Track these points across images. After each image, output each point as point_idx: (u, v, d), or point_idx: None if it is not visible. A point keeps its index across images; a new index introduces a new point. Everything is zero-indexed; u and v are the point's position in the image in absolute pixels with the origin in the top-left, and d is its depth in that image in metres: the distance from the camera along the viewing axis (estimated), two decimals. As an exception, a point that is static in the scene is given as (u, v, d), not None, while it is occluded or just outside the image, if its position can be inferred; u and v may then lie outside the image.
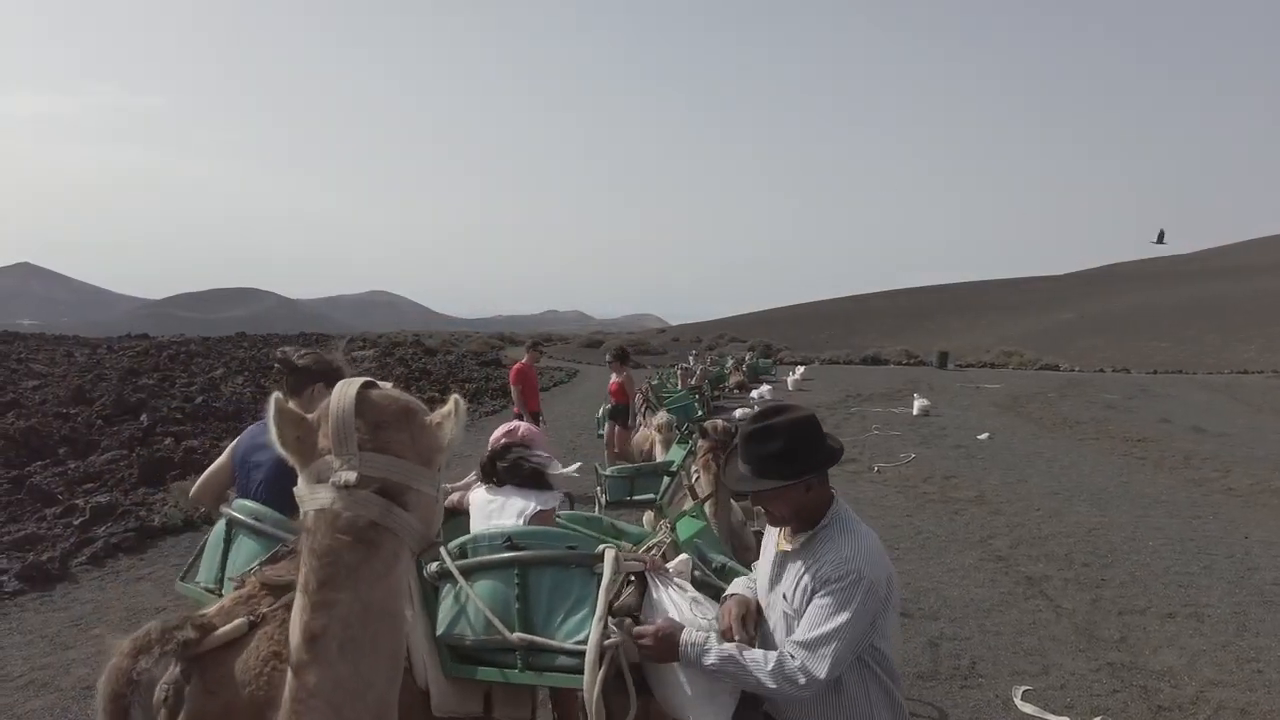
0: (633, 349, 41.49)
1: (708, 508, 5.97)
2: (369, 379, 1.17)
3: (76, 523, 7.63)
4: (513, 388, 9.96)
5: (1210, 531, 7.69)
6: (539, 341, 11.00)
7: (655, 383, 14.81)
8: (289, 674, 1.01)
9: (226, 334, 44.59)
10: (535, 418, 9.57)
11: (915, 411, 16.61)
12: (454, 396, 1.24)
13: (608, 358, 10.18)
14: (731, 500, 6.31)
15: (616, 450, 9.69)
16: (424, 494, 1.15)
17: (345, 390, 1.12)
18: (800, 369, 26.10)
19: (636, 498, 6.70)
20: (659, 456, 7.86)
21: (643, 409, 10.96)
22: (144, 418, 13.15)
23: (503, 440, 2.88)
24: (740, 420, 12.29)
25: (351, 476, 1.06)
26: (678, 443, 7.61)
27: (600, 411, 13.31)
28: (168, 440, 11.81)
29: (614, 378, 10.03)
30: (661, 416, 8.58)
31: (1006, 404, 19.30)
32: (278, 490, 2.64)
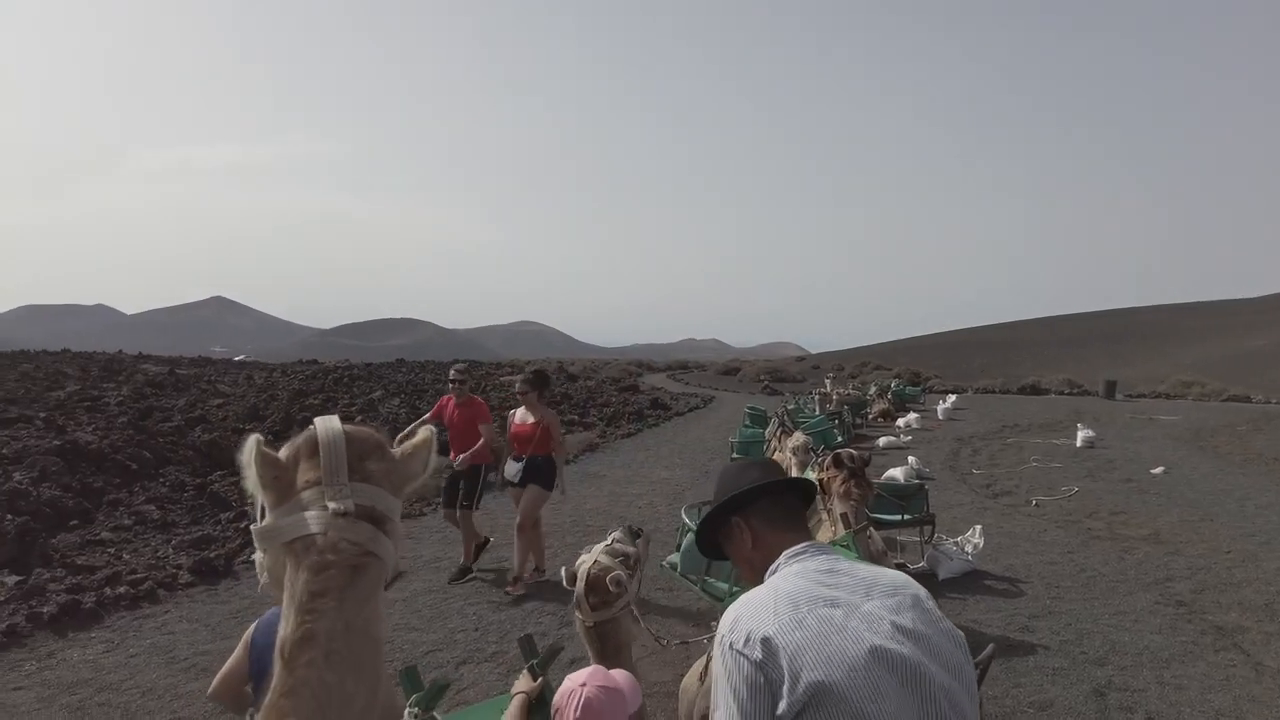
0: (770, 376, 40.66)
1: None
2: (337, 416, 1.23)
3: (244, 526, 8.26)
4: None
5: None
6: (466, 370, 7.42)
7: (792, 408, 14.47)
8: (277, 668, 1.04)
9: (387, 360, 47.63)
10: (460, 484, 6.93)
11: (1079, 443, 15.33)
12: (427, 427, 1.30)
13: (519, 387, 6.74)
14: (871, 529, 6.01)
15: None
16: (397, 524, 1.19)
17: (331, 425, 1.19)
18: (951, 397, 24.74)
19: (768, 519, 6.48)
20: (793, 479, 7.60)
21: (778, 434, 10.70)
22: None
23: None
24: (885, 449, 11.75)
25: (350, 505, 1.10)
26: (811, 466, 7.35)
27: (734, 436, 13.16)
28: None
29: (521, 415, 6.69)
30: (798, 438, 8.31)
31: (1186, 437, 17.46)
32: None
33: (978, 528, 7.41)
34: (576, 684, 2.26)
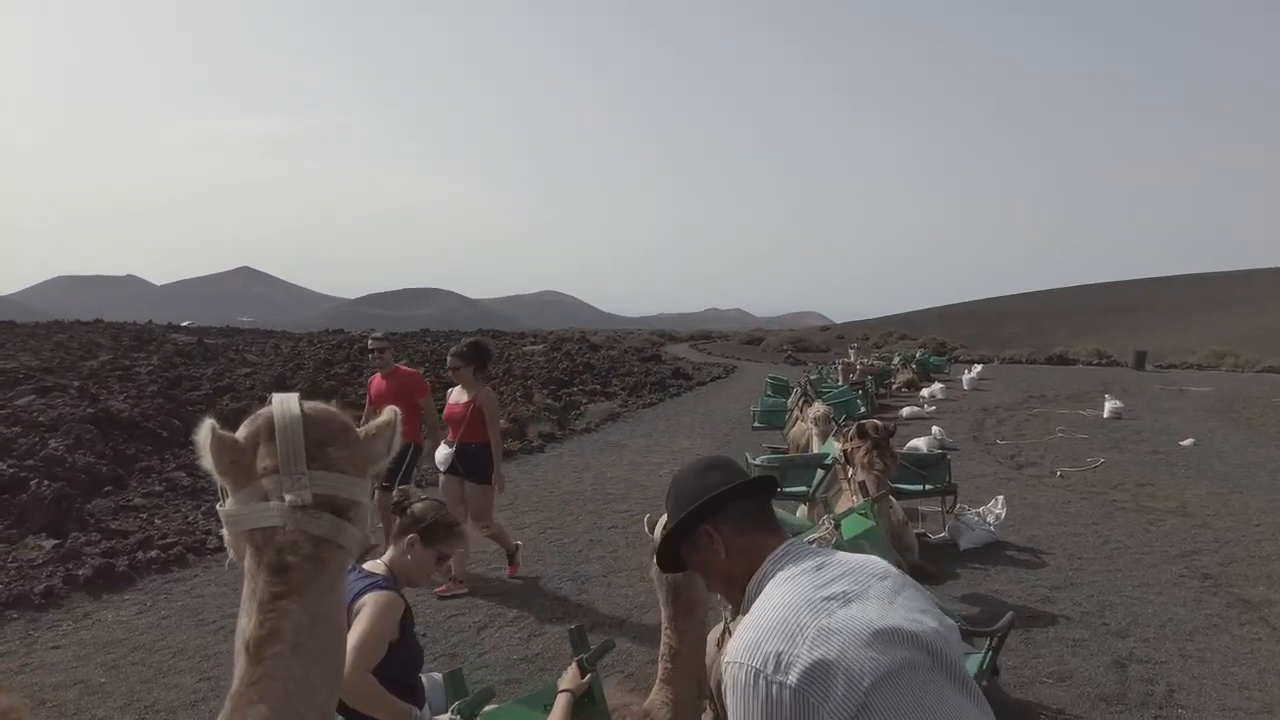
0: (793, 345, 40.22)
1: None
2: (297, 394, 1.17)
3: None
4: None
5: None
6: (386, 337, 6.74)
7: (814, 377, 14.40)
8: (243, 663, 1.02)
9: (412, 330, 48.00)
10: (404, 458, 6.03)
11: (1106, 414, 15.12)
12: (390, 407, 1.26)
13: (450, 361, 5.90)
14: (892, 499, 5.99)
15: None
16: (363, 505, 1.15)
17: (288, 408, 1.12)
18: (977, 367, 24.45)
19: (786, 490, 6.49)
20: (815, 449, 7.60)
21: (800, 403, 10.66)
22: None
23: None
24: (908, 419, 11.60)
25: (307, 496, 1.07)
26: (833, 436, 7.32)
27: (756, 405, 13.13)
28: (353, 422, 12.98)
29: (456, 395, 5.92)
30: (818, 408, 8.31)
31: (1218, 408, 17.15)
32: None
33: (1000, 498, 7.36)
34: None
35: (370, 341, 6.59)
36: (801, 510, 6.49)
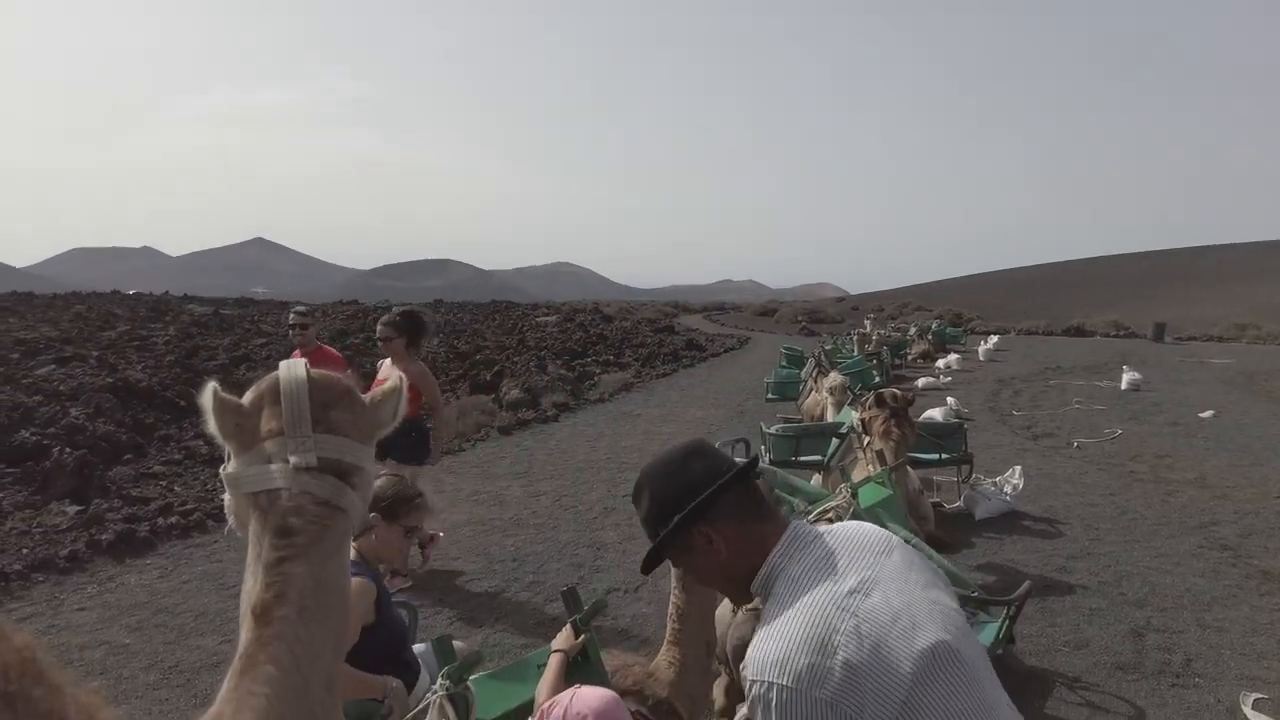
0: (808, 317, 39.95)
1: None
2: (304, 360, 1.18)
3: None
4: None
5: None
6: (310, 313, 6.27)
7: (829, 348, 14.32)
8: (249, 623, 1.02)
9: (425, 300, 48.14)
10: None
11: (1123, 385, 14.97)
12: (398, 373, 1.30)
13: (380, 330, 5.33)
14: (909, 468, 5.96)
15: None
16: (367, 472, 1.16)
17: (294, 372, 1.14)
18: (993, 339, 24.27)
19: (802, 458, 6.48)
20: (830, 419, 7.57)
21: (815, 374, 10.62)
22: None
23: None
24: (924, 390, 11.50)
25: (312, 459, 1.08)
26: (849, 406, 7.29)
27: (770, 376, 13.09)
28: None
29: (385, 370, 5.40)
30: (834, 378, 8.26)
31: (1239, 380, 16.96)
32: None
33: (1017, 468, 7.32)
34: (571, 689, 2.09)
35: (292, 315, 6.02)
36: (816, 479, 6.48)
